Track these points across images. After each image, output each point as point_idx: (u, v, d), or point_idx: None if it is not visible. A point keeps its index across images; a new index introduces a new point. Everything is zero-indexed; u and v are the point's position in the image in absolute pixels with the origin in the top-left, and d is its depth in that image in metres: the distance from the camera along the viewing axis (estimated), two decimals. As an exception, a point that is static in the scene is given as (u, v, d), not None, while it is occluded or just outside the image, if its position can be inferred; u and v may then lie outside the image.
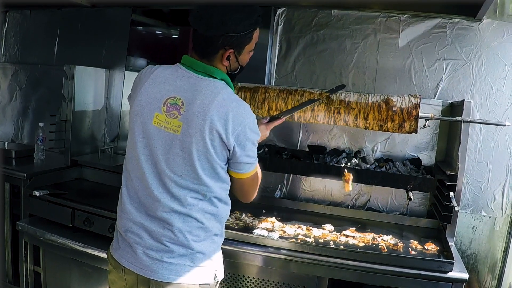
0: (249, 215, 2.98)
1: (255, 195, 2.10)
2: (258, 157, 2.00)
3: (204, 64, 1.89)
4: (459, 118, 2.68)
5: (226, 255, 2.55)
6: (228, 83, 1.93)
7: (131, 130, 1.93)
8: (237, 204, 3.18)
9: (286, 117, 2.52)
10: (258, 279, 2.57)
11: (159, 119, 1.85)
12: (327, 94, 2.86)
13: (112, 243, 2.05)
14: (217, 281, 2.00)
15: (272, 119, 2.41)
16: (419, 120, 2.70)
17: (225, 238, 2.54)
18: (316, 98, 2.85)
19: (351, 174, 2.80)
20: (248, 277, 2.58)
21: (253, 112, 2.87)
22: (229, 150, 1.85)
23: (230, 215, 2.93)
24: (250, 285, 2.59)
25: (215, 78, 1.89)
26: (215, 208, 1.94)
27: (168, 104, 1.84)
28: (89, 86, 3.86)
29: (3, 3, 4.16)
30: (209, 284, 1.94)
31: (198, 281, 1.91)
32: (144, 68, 2.02)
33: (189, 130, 1.80)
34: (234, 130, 1.81)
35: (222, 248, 2.07)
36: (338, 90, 2.89)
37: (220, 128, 1.79)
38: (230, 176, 1.96)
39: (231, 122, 1.80)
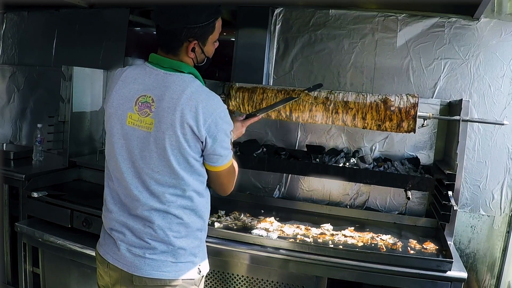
0: (248, 215, 2.98)
1: (232, 188, 2.11)
2: (257, 157, 2.00)
3: (170, 59, 1.92)
4: (457, 117, 2.68)
5: (225, 255, 2.56)
6: (196, 76, 1.96)
7: (108, 132, 1.97)
8: (237, 205, 3.21)
9: (262, 114, 2.58)
10: (257, 279, 2.57)
11: (132, 119, 1.88)
12: (305, 92, 2.88)
13: (99, 240, 2.10)
14: (202, 275, 2.04)
15: (248, 116, 2.47)
16: (417, 119, 2.70)
17: (224, 239, 2.57)
18: (292, 96, 2.87)
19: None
20: (247, 277, 2.58)
21: (252, 112, 2.91)
22: (202, 142, 1.87)
23: (229, 215, 2.93)
24: (249, 285, 2.59)
25: (183, 72, 1.91)
26: (194, 203, 1.96)
27: (140, 103, 1.88)
28: (87, 87, 3.85)
29: (3, 3, 4.15)
30: (193, 279, 1.98)
31: (181, 276, 1.94)
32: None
33: (161, 126, 1.83)
34: (205, 121, 1.83)
35: (222, 248, 2.07)
36: (315, 88, 2.89)
37: (190, 121, 1.81)
38: (206, 170, 1.98)
39: (201, 114, 1.82)
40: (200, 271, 2.01)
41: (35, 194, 3.12)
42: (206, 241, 2.40)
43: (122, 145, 1.91)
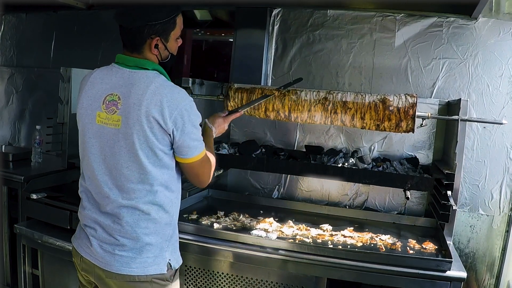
0: (247, 216, 2.98)
1: (209, 180, 2.16)
2: (256, 158, 2.01)
3: (135, 58, 1.99)
4: (456, 117, 2.68)
5: (224, 256, 2.56)
6: (161, 72, 2.01)
7: (80, 133, 2.05)
8: (236, 205, 3.20)
9: (244, 110, 2.68)
10: (257, 279, 2.56)
11: (101, 117, 1.95)
12: (280, 89, 2.91)
13: (75, 233, 2.17)
14: (175, 269, 2.10)
15: (231, 112, 2.56)
16: (416, 119, 2.70)
17: (224, 239, 2.56)
18: (269, 94, 2.90)
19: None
20: (247, 277, 2.57)
21: (250, 113, 2.91)
22: (169, 135, 1.92)
23: (228, 216, 2.93)
24: (249, 286, 2.59)
25: (147, 69, 1.97)
26: (161, 198, 2.00)
27: (107, 102, 1.94)
28: (86, 89, 3.84)
29: (3, 3, 4.14)
30: (163, 274, 2.02)
31: (150, 272, 1.99)
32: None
33: (128, 122, 1.89)
34: (170, 115, 1.88)
35: (221, 249, 2.08)
36: (294, 83, 2.92)
37: (156, 115, 1.87)
38: (180, 163, 2.03)
39: (166, 108, 1.87)
40: (171, 266, 2.06)
41: (34, 196, 3.12)
42: (206, 242, 2.41)
43: (93, 144, 1.98)
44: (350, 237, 2.71)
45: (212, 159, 2.16)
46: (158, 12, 1.95)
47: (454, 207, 2.56)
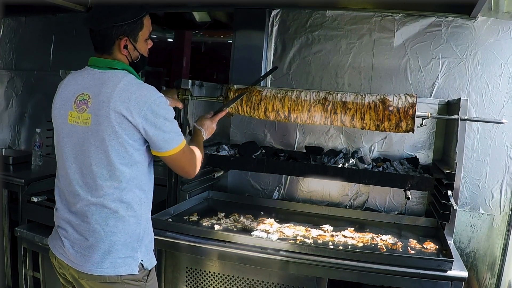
0: (247, 217, 2.98)
1: (195, 171, 2.19)
2: (256, 159, 2.01)
3: (105, 59, 2.04)
4: (455, 117, 2.68)
5: (225, 257, 2.55)
6: (130, 72, 2.05)
7: (54, 133, 2.09)
8: (236, 207, 3.20)
9: (227, 108, 2.78)
10: (258, 281, 2.56)
11: (72, 117, 1.99)
12: (261, 79, 3.00)
13: (51, 234, 2.18)
14: (148, 270, 2.08)
15: (216, 112, 2.65)
16: (416, 119, 2.70)
17: (224, 240, 2.56)
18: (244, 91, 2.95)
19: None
20: (248, 279, 2.57)
21: (250, 114, 2.91)
22: (139, 131, 1.94)
23: (228, 217, 2.93)
24: (250, 287, 2.58)
25: (117, 69, 2.02)
26: (130, 196, 2.00)
27: (78, 101, 1.98)
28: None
29: (3, 3, 4.14)
30: (134, 275, 2.01)
31: (120, 272, 1.98)
32: None
33: (97, 119, 1.92)
34: (140, 111, 1.91)
35: (221, 250, 2.07)
36: (270, 73, 2.96)
37: (124, 112, 1.90)
38: (161, 158, 2.05)
39: (135, 104, 1.91)
40: (143, 266, 2.04)
41: (34, 199, 3.12)
42: (207, 243, 2.41)
43: (66, 143, 2.01)
44: (351, 237, 2.71)
45: (197, 152, 2.21)
46: (124, 13, 1.99)
47: (454, 207, 2.56)
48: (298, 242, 2.57)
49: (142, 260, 2.04)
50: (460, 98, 2.73)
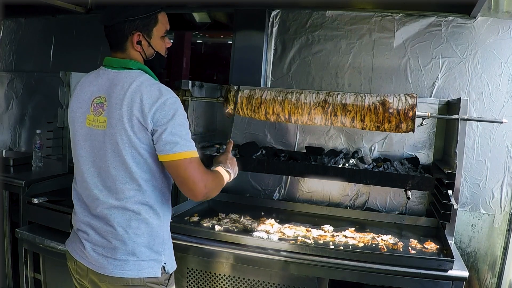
0: (248, 217, 2.98)
1: (203, 190, 1.94)
2: (256, 159, 1.99)
3: (119, 59, 2.00)
4: (456, 116, 2.68)
5: (226, 258, 2.55)
6: (145, 71, 2.01)
7: (71, 136, 2.06)
8: (237, 207, 3.20)
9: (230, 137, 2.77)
10: (258, 281, 2.56)
11: (90, 120, 1.96)
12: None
13: (69, 237, 2.16)
14: (169, 274, 2.06)
15: (225, 149, 2.46)
16: (416, 119, 2.70)
17: (225, 241, 2.56)
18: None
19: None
20: (248, 279, 2.57)
21: (250, 115, 2.91)
22: (150, 132, 1.88)
23: (229, 217, 2.93)
24: (251, 287, 2.59)
25: (131, 69, 1.97)
26: (152, 199, 1.98)
27: (95, 104, 1.96)
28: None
29: (3, 3, 4.14)
30: (157, 278, 1.99)
31: (143, 275, 1.95)
32: None
33: (111, 122, 1.89)
34: (150, 110, 1.85)
35: (222, 251, 2.07)
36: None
37: (136, 112, 1.85)
38: (165, 165, 1.92)
39: (146, 104, 1.85)
40: (165, 269, 2.02)
41: (35, 200, 3.12)
42: (208, 244, 2.40)
43: (83, 147, 1.99)
44: (352, 237, 2.71)
45: (212, 176, 2.08)
46: (136, 8, 1.97)
47: (455, 207, 2.56)
48: (298, 242, 2.57)
49: (165, 263, 2.02)
50: (460, 98, 2.74)
